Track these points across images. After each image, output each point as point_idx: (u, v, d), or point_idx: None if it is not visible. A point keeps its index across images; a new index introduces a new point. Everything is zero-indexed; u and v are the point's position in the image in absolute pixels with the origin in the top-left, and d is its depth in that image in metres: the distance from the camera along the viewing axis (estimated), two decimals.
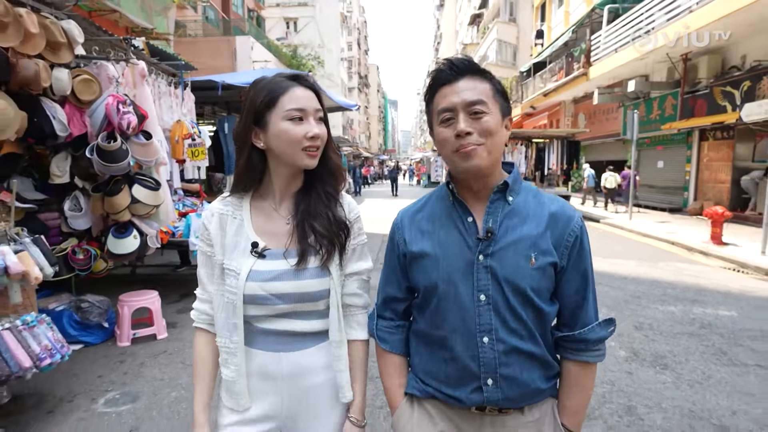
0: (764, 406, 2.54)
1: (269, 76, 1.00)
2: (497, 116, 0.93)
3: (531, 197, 1.00)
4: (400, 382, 1.09)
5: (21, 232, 2.49)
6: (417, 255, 1.00)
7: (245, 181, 1.03)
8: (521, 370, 0.95)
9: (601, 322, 0.99)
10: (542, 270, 0.94)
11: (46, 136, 3.00)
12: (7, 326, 2.21)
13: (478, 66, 0.96)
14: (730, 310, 4.31)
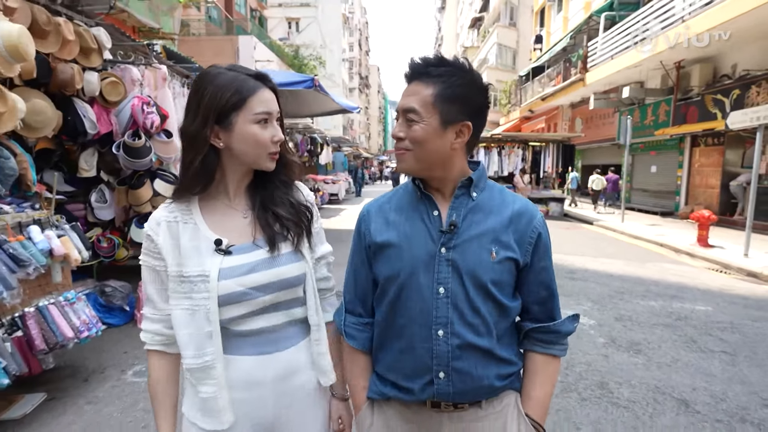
0: (723, 385, 2.85)
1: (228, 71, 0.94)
2: (433, 125, 0.92)
3: (496, 194, 1.02)
4: (363, 384, 1.08)
5: (60, 219, 2.78)
6: (382, 245, 1.01)
7: (199, 183, 0.95)
8: (475, 366, 0.95)
9: (570, 316, 1.03)
10: (502, 264, 0.95)
11: (78, 133, 3.28)
12: (52, 301, 2.50)
13: (433, 66, 0.94)
14: (706, 306, 4.62)
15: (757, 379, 2.93)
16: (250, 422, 0.96)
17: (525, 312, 1.03)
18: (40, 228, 2.54)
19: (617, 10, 14.77)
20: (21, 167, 2.72)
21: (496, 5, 30.02)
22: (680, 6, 10.45)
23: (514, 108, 24.74)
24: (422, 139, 0.93)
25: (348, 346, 1.09)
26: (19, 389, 2.51)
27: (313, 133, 13.41)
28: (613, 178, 14.38)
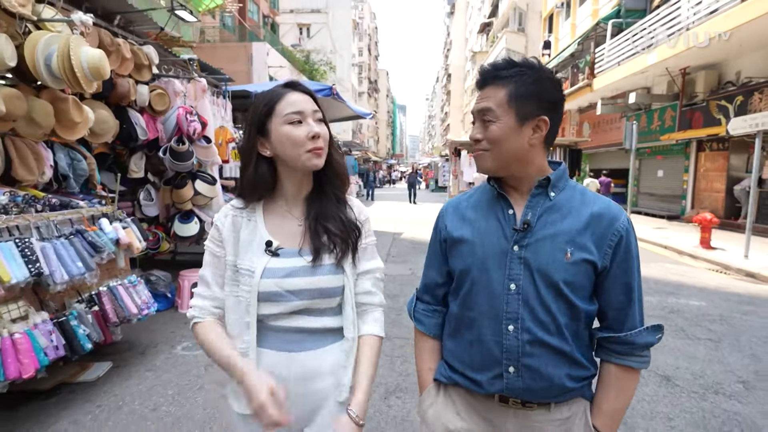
0: (703, 365, 3.19)
1: (266, 90, 1.07)
2: (509, 123, 0.96)
3: (576, 195, 1.01)
4: (430, 366, 1.12)
5: (122, 214, 3.21)
6: (457, 240, 1.05)
7: (258, 191, 1.05)
8: (545, 364, 0.95)
9: (648, 327, 0.98)
10: (578, 265, 0.94)
11: (131, 139, 3.73)
12: (119, 283, 2.93)
13: (504, 69, 0.97)
14: (700, 301, 4.93)
15: (736, 361, 3.26)
16: None
17: (602, 318, 1.01)
18: (109, 221, 2.97)
19: (624, 18, 15.06)
20: (90, 168, 3.17)
21: (505, 11, 30.36)
22: (685, 15, 10.72)
23: None
24: (499, 137, 0.96)
25: (417, 331, 1.17)
26: (89, 358, 2.94)
27: None
28: (606, 181, 14.73)
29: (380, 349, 1.11)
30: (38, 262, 2.31)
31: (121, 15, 3.81)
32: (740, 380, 2.96)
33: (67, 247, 2.54)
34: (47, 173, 2.79)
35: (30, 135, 2.69)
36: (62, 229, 2.64)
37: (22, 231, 2.39)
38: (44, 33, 2.59)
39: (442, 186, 27.07)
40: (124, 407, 2.51)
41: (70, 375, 2.80)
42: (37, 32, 2.58)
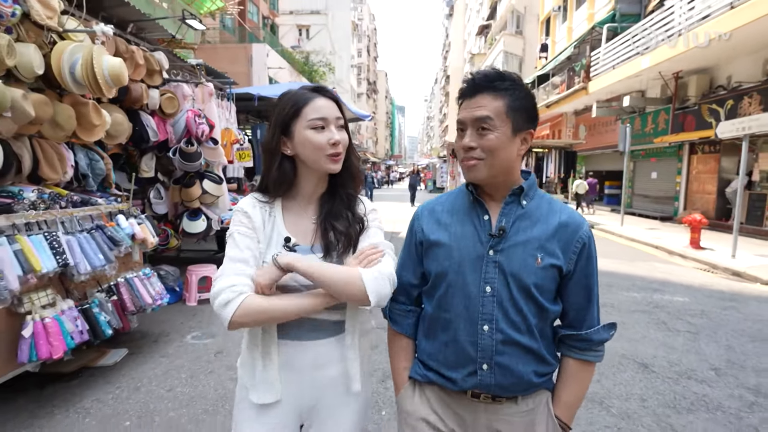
0: (679, 355, 3.41)
1: (295, 89, 1.10)
2: (506, 133, 0.99)
3: (544, 204, 1.07)
4: (406, 365, 1.17)
5: (136, 210, 3.42)
6: (433, 243, 1.09)
7: (279, 187, 1.10)
8: (516, 361, 1.02)
9: (605, 325, 1.07)
10: (546, 270, 1.01)
11: (142, 140, 3.93)
12: (135, 275, 3.14)
13: (500, 80, 1.00)
14: (684, 297, 5.16)
15: (711, 352, 3.48)
16: (291, 404, 1.08)
17: (563, 317, 1.09)
18: (125, 217, 3.18)
19: (619, 22, 15.30)
20: (106, 168, 3.38)
21: (503, 13, 30.62)
22: (678, 20, 10.96)
23: None
24: (497, 147, 0.99)
25: (391, 331, 1.20)
26: (106, 345, 3.15)
27: None
28: (593, 182, 15.22)
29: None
30: (65, 254, 2.52)
31: (133, 23, 4.02)
32: (713, 368, 3.19)
33: (89, 240, 2.75)
34: (69, 172, 3.00)
35: (53, 137, 2.90)
36: (84, 224, 2.85)
37: (49, 225, 2.60)
38: (69, 43, 2.80)
39: (440, 187, 27.35)
40: (142, 388, 2.72)
41: (90, 360, 3.01)
42: (62, 42, 2.79)
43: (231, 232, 1.07)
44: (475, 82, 1.01)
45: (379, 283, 1.01)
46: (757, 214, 10.53)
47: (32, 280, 2.34)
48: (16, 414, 2.41)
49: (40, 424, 2.33)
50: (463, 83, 1.05)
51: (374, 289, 1.00)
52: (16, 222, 2.39)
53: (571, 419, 1.08)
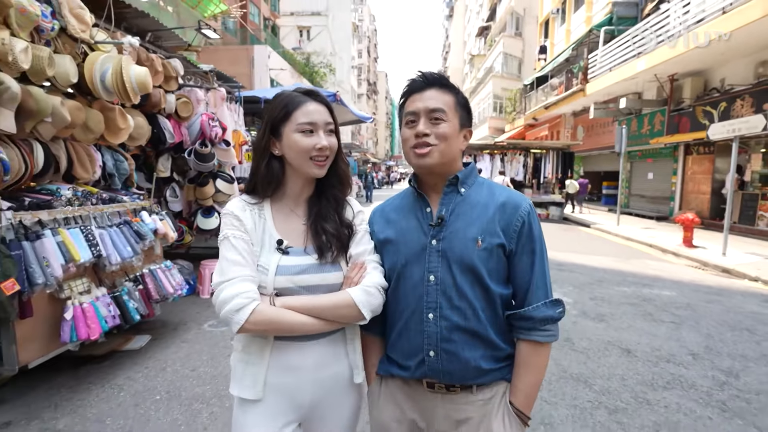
0: (661, 342, 3.67)
1: (288, 91, 1.12)
2: (455, 126, 1.06)
3: (484, 189, 1.12)
4: (373, 362, 1.20)
5: (157, 207, 3.67)
6: (383, 241, 1.15)
7: (267, 186, 1.12)
8: (462, 347, 1.04)
9: (547, 301, 1.05)
10: (489, 251, 1.03)
11: (160, 142, 4.19)
12: (158, 267, 3.40)
13: (447, 80, 1.09)
14: (672, 292, 5.41)
15: (691, 339, 3.74)
16: (289, 403, 1.08)
17: (513, 299, 1.10)
18: (148, 213, 3.44)
19: (616, 25, 15.55)
20: (130, 168, 3.64)
21: (503, 15, 30.87)
22: (673, 24, 11.22)
23: (519, 116, 25.52)
24: (450, 135, 1.05)
25: (362, 330, 1.21)
26: (131, 332, 3.41)
27: None
28: (584, 182, 15.62)
29: None
30: (98, 246, 2.78)
31: (151, 32, 4.28)
32: (691, 353, 3.45)
33: (119, 234, 3.01)
34: (98, 172, 3.26)
35: (84, 139, 3.15)
36: (112, 219, 3.11)
37: (84, 220, 2.86)
38: (99, 54, 3.07)
39: None
40: (168, 368, 2.98)
41: (118, 344, 3.27)
42: (93, 53, 3.05)
43: (226, 235, 1.07)
44: (426, 79, 1.07)
45: (369, 297, 1.06)
46: (749, 213, 10.78)
47: (72, 269, 2.60)
48: (57, 390, 2.67)
49: (80, 397, 2.59)
50: (412, 80, 1.09)
51: (365, 305, 1.05)
52: (57, 217, 2.65)
53: (528, 407, 1.06)
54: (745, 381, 2.97)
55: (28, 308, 2.38)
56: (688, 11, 10.59)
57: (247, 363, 1.07)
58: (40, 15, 2.57)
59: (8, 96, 2.35)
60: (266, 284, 1.04)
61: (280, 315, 1.01)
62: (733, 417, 2.51)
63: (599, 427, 2.38)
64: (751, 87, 10.18)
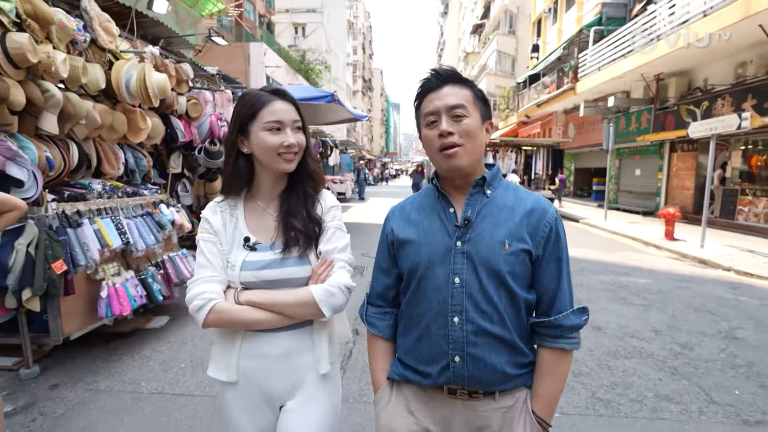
0: (629, 321, 4.08)
1: (254, 90, 1.15)
2: (477, 119, 1.03)
3: (510, 192, 1.09)
4: (383, 366, 1.17)
5: (173, 200, 4.02)
6: (403, 241, 1.11)
7: (235, 184, 1.16)
8: (489, 352, 1.01)
9: (575, 309, 1.04)
10: (516, 255, 1.01)
11: (172, 141, 4.53)
12: (175, 254, 3.75)
13: (461, 75, 1.06)
14: (647, 279, 5.83)
15: (656, 319, 4.16)
16: (257, 389, 1.15)
17: (537, 306, 1.07)
18: (166, 206, 3.79)
19: (605, 25, 15.97)
20: (148, 165, 3.98)
21: (497, 13, 31.20)
22: (660, 24, 11.62)
23: (512, 113, 25.94)
24: (474, 130, 1.02)
25: (370, 333, 1.21)
26: (151, 313, 3.76)
27: (325, 137, 14.63)
28: (563, 177, 16.26)
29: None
30: (127, 234, 3.14)
31: (163, 39, 4.61)
32: (654, 330, 3.86)
33: (143, 224, 3.36)
34: (121, 168, 3.60)
35: (109, 139, 3.50)
36: (136, 210, 3.46)
37: (113, 211, 3.21)
38: (124, 62, 3.41)
39: None
40: (188, 343, 3.35)
41: (141, 323, 3.63)
42: (119, 62, 3.39)
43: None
44: (441, 76, 1.05)
45: (330, 297, 1.10)
46: (729, 208, 11.25)
47: (106, 254, 2.96)
48: (94, 360, 3.04)
49: (114, 365, 2.96)
50: (426, 79, 1.08)
51: (326, 303, 1.10)
52: (91, 207, 3.00)
53: (550, 415, 1.05)
54: (698, 352, 3.38)
55: (70, 287, 2.74)
56: (673, 12, 11.00)
57: (223, 347, 1.15)
58: (76, 29, 2.91)
59: (53, 102, 2.70)
60: (233, 279, 1.11)
61: (239, 313, 1.08)
62: (680, 379, 2.92)
63: (565, 387, 2.77)
64: (730, 87, 10.63)
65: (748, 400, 2.66)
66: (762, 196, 10.30)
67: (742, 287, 5.55)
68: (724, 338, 3.69)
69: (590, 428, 2.36)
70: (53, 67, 2.68)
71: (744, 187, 10.90)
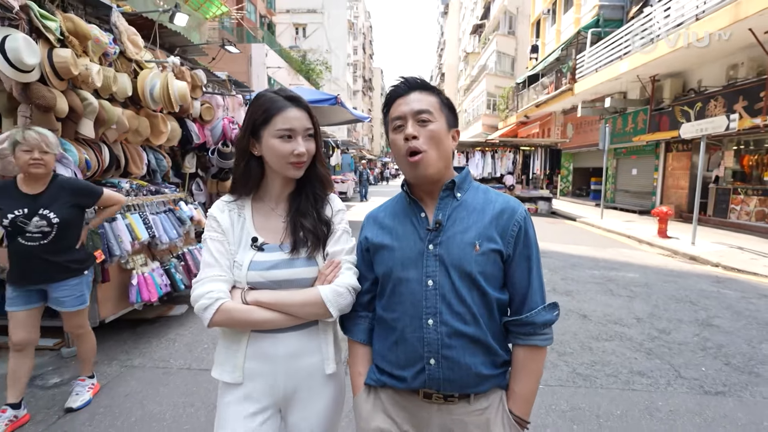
0: (614, 310, 4.39)
1: (270, 93, 1.14)
2: (443, 126, 1.05)
3: (480, 194, 1.11)
4: (360, 371, 1.17)
5: (191, 198, 4.34)
6: (378, 246, 1.13)
7: (246, 185, 1.17)
8: (463, 353, 1.03)
9: (545, 305, 1.06)
10: (486, 255, 1.03)
11: (188, 142, 4.85)
12: (194, 248, 4.07)
13: (428, 83, 1.09)
14: (635, 274, 6.14)
15: (639, 308, 4.47)
16: (265, 390, 1.14)
17: (510, 306, 1.09)
18: (185, 203, 4.11)
19: (602, 27, 16.26)
20: (167, 165, 4.29)
21: (496, 14, 31.44)
22: (656, 26, 11.90)
23: (512, 113, 26.21)
24: (439, 135, 1.03)
25: (348, 338, 1.22)
26: (172, 302, 4.08)
27: (327, 138, 14.95)
28: None
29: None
30: (152, 228, 3.45)
31: (179, 47, 4.92)
32: (636, 318, 4.17)
33: (166, 219, 3.68)
34: (144, 169, 3.92)
35: (134, 141, 3.81)
36: (159, 207, 3.77)
37: (139, 208, 3.52)
38: (148, 71, 3.73)
39: None
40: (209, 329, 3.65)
41: (163, 311, 3.95)
42: (144, 71, 3.71)
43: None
44: (408, 83, 1.09)
45: (338, 297, 1.11)
46: (722, 207, 11.54)
47: (136, 246, 3.27)
48: (124, 342, 3.37)
49: (144, 346, 3.28)
50: (394, 86, 1.11)
51: (334, 303, 1.10)
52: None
53: (527, 413, 1.07)
54: (673, 336, 3.70)
55: (106, 275, 3.05)
56: (668, 15, 11.28)
57: (228, 349, 1.14)
58: (108, 43, 3.22)
59: (90, 109, 3.02)
60: (240, 279, 1.11)
61: (246, 313, 1.07)
62: (654, 358, 3.23)
63: (549, 364, 3.09)
64: (722, 89, 10.93)
65: (712, 375, 2.97)
66: (753, 195, 10.59)
67: (727, 281, 5.85)
68: (701, 325, 3.99)
69: (569, 397, 2.67)
70: (90, 77, 2.99)
71: (736, 186, 11.19)
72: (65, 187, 2.35)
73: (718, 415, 2.50)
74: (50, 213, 2.25)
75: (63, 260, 2.34)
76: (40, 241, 2.26)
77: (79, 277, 2.43)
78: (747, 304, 4.68)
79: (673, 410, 2.54)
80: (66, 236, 2.35)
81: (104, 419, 2.36)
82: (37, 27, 2.66)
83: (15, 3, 2.46)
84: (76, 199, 2.37)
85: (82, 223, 2.52)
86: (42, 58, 2.65)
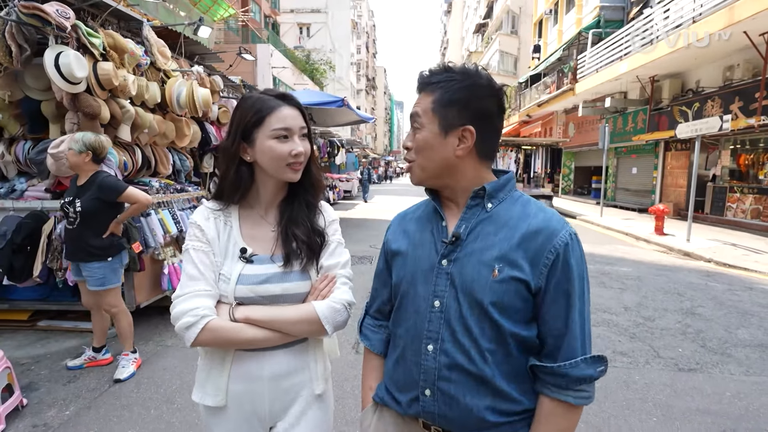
0: (604, 300, 4.71)
1: (257, 94, 1.08)
2: (433, 130, 0.92)
3: (518, 206, 0.93)
4: (371, 385, 1.09)
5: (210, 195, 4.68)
6: (394, 252, 1.04)
7: (235, 193, 1.07)
8: (464, 392, 0.88)
9: (587, 357, 0.85)
10: (506, 283, 0.85)
11: (206, 144, 5.20)
12: None
13: (433, 76, 0.94)
14: (629, 268, 6.44)
15: (628, 299, 4.78)
16: (250, 412, 1.08)
17: (541, 346, 0.90)
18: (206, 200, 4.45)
19: (603, 28, 16.49)
20: (190, 166, 4.64)
21: (499, 14, 31.65)
22: (656, 27, 12.14)
23: (514, 112, 26.46)
24: (424, 145, 0.93)
25: (365, 347, 1.13)
26: None
27: (332, 137, 15.28)
28: None
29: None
30: (180, 223, 3.80)
31: (198, 55, 5.27)
32: (624, 307, 4.49)
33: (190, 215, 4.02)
34: (170, 169, 4.27)
35: (162, 144, 4.16)
36: (184, 204, 4.12)
37: (168, 204, 3.87)
38: (175, 79, 4.07)
39: None
40: None
41: None
42: (171, 79, 4.05)
43: (186, 247, 1.06)
44: (418, 81, 0.97)
45: (335, 313, 1.05)
46: (719, 205, 11.80)
47: (167, 239, 3.62)
48: (155, 326, 3.73)
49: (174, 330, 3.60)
50: None
51: (330, 320, 1.04)
52: (154, 201, 3.66)
53: None
54: (657, 323, 4.01)
55: (142, 264, 3.40)
56: (668, 17, 11.53)
57: (210, 369, 1.07)
58: (140, 55, 3.57)
59: (128, 116, 3.36)
60: (227, 293, 1.02)
61: (235, 332, 0.99)
62: (636, 341, 3.55)
63: None
64: (719, 89, 11.18)
65: (688, 355, 3.29)
66: (749, 193, 10.85)
67: (716, 275, 6.15)
68: (684, 314, 4.31)
69: None
70: (127, 87, 3.33)
71: (733, 185, 11.44)
72: (95, 182, 2.74)
73: (687, 387, 2.82)
74: (79, 203, 2.69)
75: (86, 245, 2.73)
76: (73, 224, 2.73)
77: (101, 262, 2.78)
78: (731, 296, 4.98)
79: (648, 383, 2.86)
80: (89, 225, 2.74)
81: (149, 388, 2.71)
82: (84, 44, 3.00)
83: (67, 23, 2.80)
84: (99, 193, 2.70)
85: (108, 216, 2.82)
86: (88, 71, 2.99)
